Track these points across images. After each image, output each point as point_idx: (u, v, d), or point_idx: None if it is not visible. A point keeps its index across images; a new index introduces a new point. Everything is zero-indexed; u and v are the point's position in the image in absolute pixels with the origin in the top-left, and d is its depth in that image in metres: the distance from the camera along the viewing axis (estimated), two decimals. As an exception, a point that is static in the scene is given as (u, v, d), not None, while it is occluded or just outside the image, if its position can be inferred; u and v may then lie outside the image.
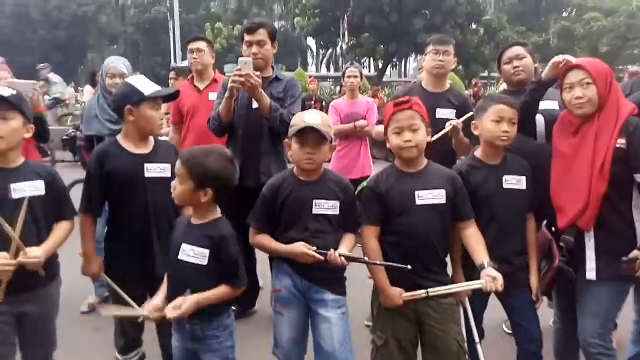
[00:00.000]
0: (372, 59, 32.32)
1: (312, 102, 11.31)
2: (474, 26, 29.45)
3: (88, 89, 9.38)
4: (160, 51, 33.17)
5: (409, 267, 2.05)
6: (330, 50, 39.90)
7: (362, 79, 4.68)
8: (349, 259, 2.12)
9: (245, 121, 3.28)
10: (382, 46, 28.84)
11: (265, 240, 2.28)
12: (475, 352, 2.28)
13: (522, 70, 2.99)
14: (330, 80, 24.17)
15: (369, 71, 33.22)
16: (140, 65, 31.15)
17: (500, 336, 3.27)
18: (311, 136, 2.17)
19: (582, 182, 2.11)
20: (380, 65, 31.46)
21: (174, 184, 2.03)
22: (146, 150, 2.42)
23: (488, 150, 2.35)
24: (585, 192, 2.10)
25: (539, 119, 2.39)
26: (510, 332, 3.30)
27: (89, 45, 38.31)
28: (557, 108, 2.86)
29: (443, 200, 2.16)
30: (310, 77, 15.17)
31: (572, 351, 2.44)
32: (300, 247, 2.15)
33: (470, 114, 3.12)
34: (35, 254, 2.05)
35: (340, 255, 2.10)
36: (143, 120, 2.36)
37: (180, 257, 2.02)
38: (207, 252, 1.99)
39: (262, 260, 3.46)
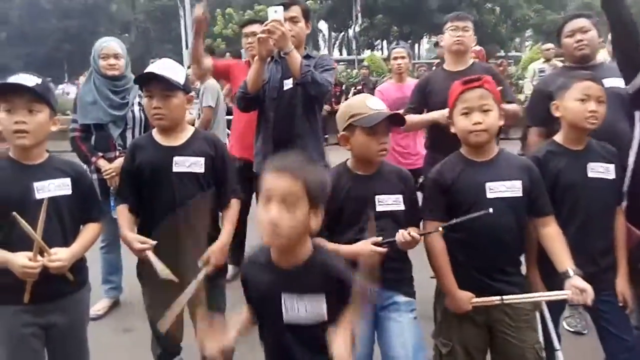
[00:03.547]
0: (385, 40, 31.78)
1: (332, 86, 11.00)
2: (489, 5, 28.81)
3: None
4: (171, 38, 32.99)
5: (490, 210, 1.78)
6: (342, 33, 39.34)
7: (410, 59, 4.33)
8: (421, 234, 1.89)
9: (276, 104, 3.04)
10: (396, 27, 28.34)
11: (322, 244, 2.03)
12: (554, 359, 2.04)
13: (587, 45, 2.72)
14: (343, 63, 23.71)
15: (382, 53, 32.72)
16: (152, 52, 30.95)
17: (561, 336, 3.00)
18: (383, 124, 1.94)
19: None
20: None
21: None
22: (176, 142, 2.19)
23: (571, 133, 2.07)
24: None
25: None
26: (571, 329, 3.08)
27: (100, 34, 38.20)
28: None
29: (518, 193, 1.89)
30: (327, 60, 14.81)
31: None
32: (367, 245, 1.87)
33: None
34: (59, 256, 1.85)
35: (409, 233, 1.84)
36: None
37: None
38: None
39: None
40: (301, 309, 1.47)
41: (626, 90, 2.11)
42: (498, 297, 1.87)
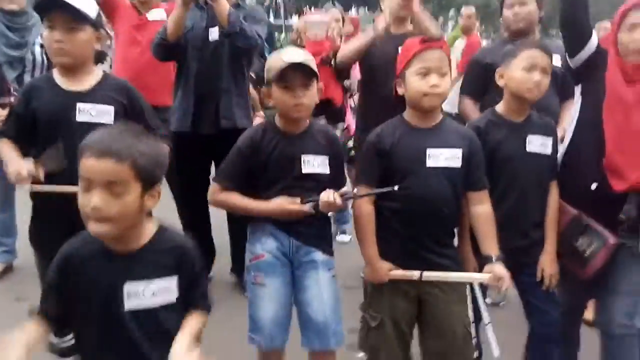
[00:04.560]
0: (314, 7, 31.32)
1: (262, 39, 10.51)
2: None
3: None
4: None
5: (396, 187, 1.73)
6: (271, -4, 38.27)
7: (343, 23, 4.11)
8: (345, 198, 1.80)
9: (200, 55, 2.76)
10: (325, -5, 28.00)
11: (235, 198, 1.89)
12: (482, 334, 1.99)
13: (522, 18, 2.68)
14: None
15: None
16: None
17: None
18: (297, 76, 1.79)
19: None
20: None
21: None
22: (81, 86, 1.89)
23: (513, 103, 1.99)
24: None
25: (595, 37, 1.98)
26: (488, 302, 3.12)
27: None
28: (559, 64, 2.58)
29: (458, 163, 1.80)
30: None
31: (575, 336, 2.24)
32: (281, 203, 1.81)
33: None
34: None
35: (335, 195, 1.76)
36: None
37: None
38: None
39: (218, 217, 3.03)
40: (147, 293, 1.30)
41: (570, 65, 2.06)
42: (417, 273, 1.80)
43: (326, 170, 1.89)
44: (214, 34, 2.75)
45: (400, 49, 1.94)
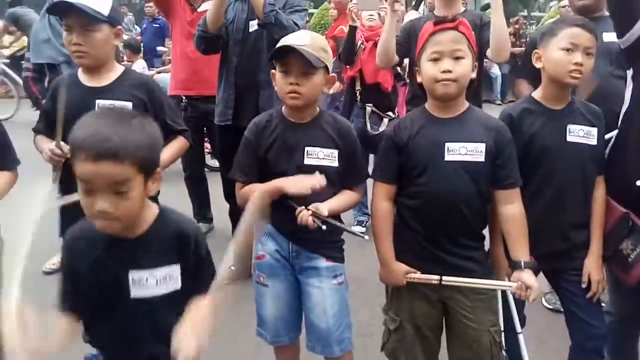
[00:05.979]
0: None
1: (300, 29, 10.38)
2: (514, -41, 27.46)
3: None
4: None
5: (366, 237, 1.69)
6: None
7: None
8: (323, 222, 1.66)
9: (240, 48, 2.75)
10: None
11: (254, 188, 1.78)
12: (516, 343, 1.84)
13: None
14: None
15: (400, 8, 31.40)
16: None
17: (538, 314, 2.76)
18: (295, 61, 1.68)
19: None
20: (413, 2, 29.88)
21: None
22: (101, 82, 1.92)
23: (551, 88, 1.76)
24: None
25: None
26: (550, 307, 2.86)
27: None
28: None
29: (481, 158, 1.61)
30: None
31: (630, 349, 1.98)
32: (300, 179, 1.68)
33: None
34: None
35: (313, 215, 1.64)
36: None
37: None
38: None
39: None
40: (151, 281, 1.26)
41: (619, 45, 1.78)
42: (436, 277, 1.65)
43: (333, 163, 1.76)
44: (253, 26, 2.73)
45: None
